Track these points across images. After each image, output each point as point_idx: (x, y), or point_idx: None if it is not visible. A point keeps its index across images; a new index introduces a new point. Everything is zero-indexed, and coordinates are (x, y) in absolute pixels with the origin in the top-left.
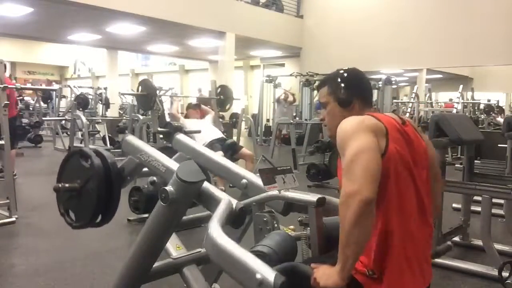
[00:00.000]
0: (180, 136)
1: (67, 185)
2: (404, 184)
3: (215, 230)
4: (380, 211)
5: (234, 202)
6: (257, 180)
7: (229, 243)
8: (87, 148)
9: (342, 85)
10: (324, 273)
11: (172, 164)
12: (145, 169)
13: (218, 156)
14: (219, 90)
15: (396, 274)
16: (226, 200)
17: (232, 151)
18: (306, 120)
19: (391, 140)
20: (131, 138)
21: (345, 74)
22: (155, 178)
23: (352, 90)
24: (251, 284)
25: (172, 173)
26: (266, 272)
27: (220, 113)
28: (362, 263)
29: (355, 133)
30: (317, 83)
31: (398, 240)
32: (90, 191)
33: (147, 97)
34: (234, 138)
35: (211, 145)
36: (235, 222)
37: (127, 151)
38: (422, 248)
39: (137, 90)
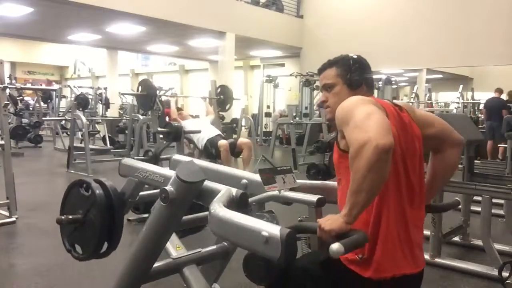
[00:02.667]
0: (177, 157)
1: (70, 216)
2: (398, 170)
3: (217, 207)
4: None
5: (234, 190)
6: (256, 177)
7: (232, 213)
8: (87, 178)
9: (353, 67)
10: (328, 218)
11: (169, 172)
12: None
13: (213, 165)
14: (219, 90)
15: (387, 255)
16: (225, 189)
17: (232, 147)
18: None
19: (391, 123)
20: (128, 160)
21: (356, 58)
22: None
23: (361, 73)
24: (259, 243)
25: (170, 179)
26: (272, 228)
27: (220, 113)
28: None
29: (359, 104)
30: (317, 83)
31: (391, 222)
32: (93, 220)
33: (147, 97)
34: (234, 136)
35: (211, 141)
36: (238, 207)
37: (124, 173)
38: (413, 233)
39: (137, 90)
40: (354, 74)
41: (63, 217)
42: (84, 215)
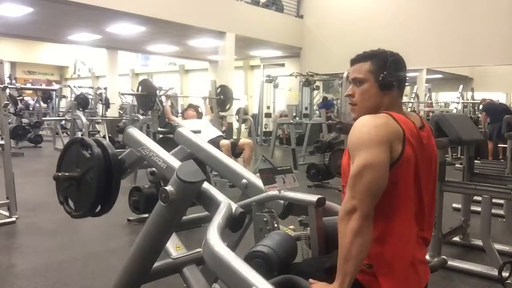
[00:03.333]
0: (182, 130)
1: (66, 174)
2: (410, 190)
3: (213, 237)
4: (384, 212)
5: (234, 206)
6: (257, 180)
7: (226, 252)
8: (88, 138)
9: (389, 66)
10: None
11: (173, 161)
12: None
13: (219, 153)
14: (219, 90)
15: (392, 273)
16: (225, 204)
17: (233, 147)
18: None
19: (408, 145)
20: (133, 131)
21: (394, 56)
22: (154, 169)
23: (396, 74)
24: None
25: (172, 171)
26: (262, 285)
27: (220, 113)
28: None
29: (367, 143)
30: (317, 83)
31: (396, 241)
32: (90, 180)
33: (147, 97)
34: (234, 137)
35: (213, 142)
36: (234, 226)
37: (128, 143)
38: (417, 250)
39: (137, 90)
40: (388, 74)
41: (60, 174)
42: (81, 174)
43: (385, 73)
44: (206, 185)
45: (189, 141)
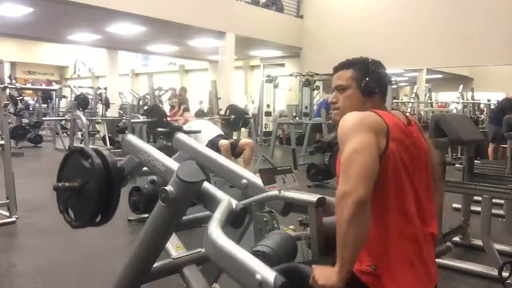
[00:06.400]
0: (180, 135)
1: (67, 184)
2: (403, 185)
3: (215, 231)
4: (379, 211)
5: (234, 202)
6: (257, 180)
7: (229, 244)
8: (88, 148)
9: (369, 73)
10: (323, 273)
11: (172, 163)
12: (145, 168)
13: (218, 155)
14: (227, 111)
15: (398, 272)
16: (226, 201)
17: (233, 148)
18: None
19: (392, 140)
20: (131, 138)
21: (374, 64)
22: (154, 178)
23: (377, 80)
24: (251, 284)
25: (172, 173)
26: (266, 273)
27: (220, 113)
28: (365, 262)
29: (354, 130)
30: (317, 83)
31: (399, 239)
32: (90, 191)
33: (157, 122)
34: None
35: (212, 142)
36: (235, 222)
37: (127, 150)
38: (425, 249)
39: (147, 117)
40: (370, 80)
41: (60, 184)
42: (81, 184)
43: (367, 79)
44: (206, 184)
45: (187, 146)
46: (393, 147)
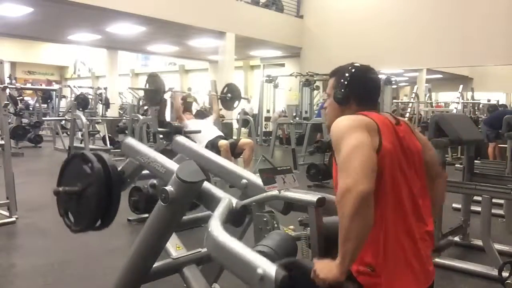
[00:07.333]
0: (180, 138)
1: (67, 188)
2: (398, 182)
3: (216, 228)
4: (377, 209)
5: (235, 201)
6: (257, 180)
7: (230, 240)
8: (88, 152)
9: (343, 83)
10: (324, 266)
11: (172, 165)
12: (145, 171)
13: (217, 157)
14: (225, 89)
15: (395, 271)
16: (226, 199)
17: (232, 148)
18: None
19: (384, 138)
20: (131, 141)
21: (351, 71)
22: (155, 181)
23: (351, 89)
24: (253, 279)
25: (172, 174)
26: (268, 267)
27: (220, 112)
28: (362, 263)
29: (348, 131)
30: (317, 83)
31: (395, 237)
32: (91, 195)
33: (156, 92)
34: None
35: (212, 143)
36: (235, 220)
37: (126, 153)
38: (422, 247)
39: (145, 85)
40: (341, 90)
41: (60, 189)
42: (82, 189)
43: (338, 89)
44: (206, 184)
45: (187, 148)
46: (386, 144)
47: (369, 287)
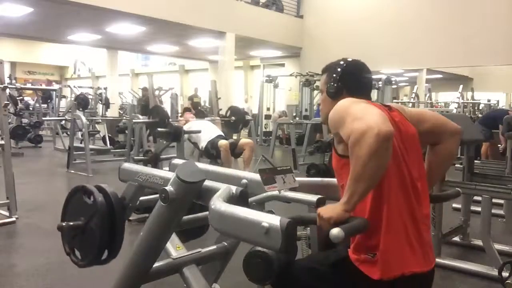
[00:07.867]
0: (175, 161)
1: (71, 223)
2: (400, 166)
3: (217, 202)
4: (381, 191)
5: (234, 188)
6: (257, 177)
7: (231, 207)
8: (89, 185)
9: (335, 77)
10: (328, 207)
11: (168, 174)
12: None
13: (214, 167)
14: (228, 112)
15: (396, 251)
16: (225, 186)
17: (232, 148)
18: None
19: None
20: (126, 165)
21: (344, 66)
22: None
23: (343, 83)
24: (260, 235)
25: (169, 180)
26: (271, 219)
27: (220, 112)
28: (362, 250)
29: (353, 104)
30: (317, 83)
31: (399, 216)
32: (94, 229)
33: (159, 123)
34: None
35: (212, 143)
36: (238, 204)
37: (124, 178)
38: (423, 229)
39: (148, 118)
40: (334, 84)
41: (64, 224)
42: (85, 222)
43: (330, 83)
44: (206, 182)
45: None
46: None
47: (369, 273)
